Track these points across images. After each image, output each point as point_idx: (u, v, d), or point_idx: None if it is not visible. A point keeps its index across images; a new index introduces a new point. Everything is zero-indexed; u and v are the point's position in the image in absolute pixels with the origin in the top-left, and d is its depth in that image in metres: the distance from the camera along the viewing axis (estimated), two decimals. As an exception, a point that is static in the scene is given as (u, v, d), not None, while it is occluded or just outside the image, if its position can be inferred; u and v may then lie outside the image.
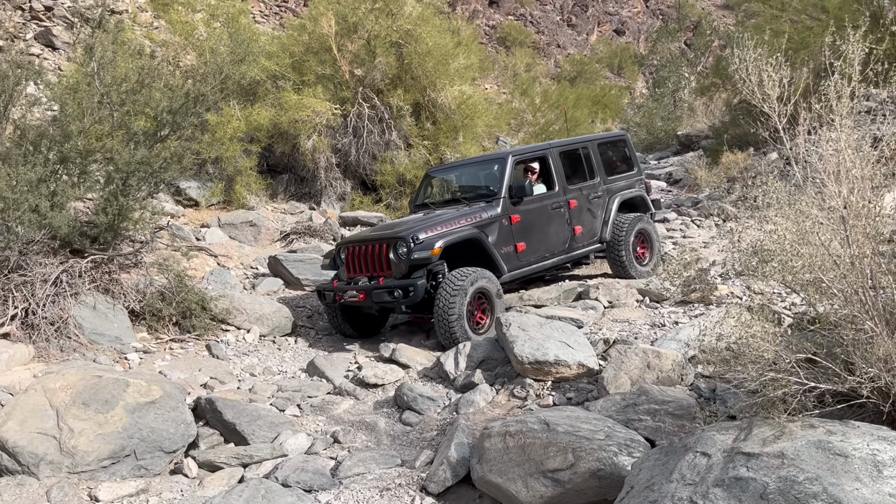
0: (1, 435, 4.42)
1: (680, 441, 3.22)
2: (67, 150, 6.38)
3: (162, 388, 5.00)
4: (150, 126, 7.24)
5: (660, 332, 5.83)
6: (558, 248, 7.65)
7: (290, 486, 4.28)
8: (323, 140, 11.35)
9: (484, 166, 7.95)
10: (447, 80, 12.14)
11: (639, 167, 8.90)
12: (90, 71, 7.06)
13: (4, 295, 5.85)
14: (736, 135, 13.66)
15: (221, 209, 10.59)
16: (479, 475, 3.90)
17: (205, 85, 8.20)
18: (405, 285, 6.42)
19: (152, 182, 7.07)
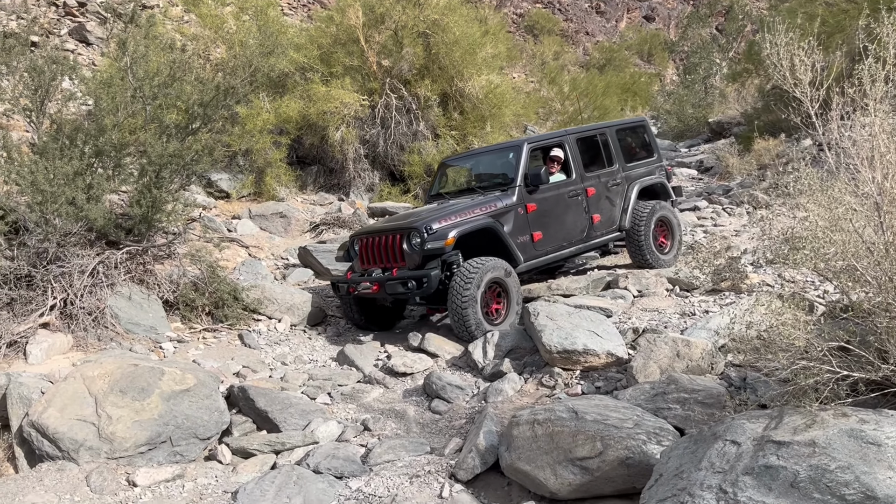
0: (42, 421, 4.56)
1: (709, 429, 3.21)
2: (102, 144, 6.51)
3: (196, 377, 5.10)
4: (181, 119, 7.35)
5: (689, 321, 5.79)
6: (576, 237, 7.50)
7: (322, 472, 4.35)
8: (351, 131, 11.41)
9: (499, 154, 7.80)
10: (474, 69, 12.10)
11: (659, 153, 8.68)
12: (123, 65, 7.18)
13: (44, 286, 6.00)
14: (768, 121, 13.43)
15: (252, 201, 10.72)
16: (507, 463, 3.92)
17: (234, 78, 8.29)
18: (419, 276, 6.33)
19: (184, 174, 7.18)
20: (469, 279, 6.17)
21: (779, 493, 2.63)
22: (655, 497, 2.95)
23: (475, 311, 6.19)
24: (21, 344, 5.57)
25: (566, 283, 7.15)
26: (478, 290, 6.19)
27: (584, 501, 3.64)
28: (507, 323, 6.42)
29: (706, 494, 2.74)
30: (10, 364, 5.41)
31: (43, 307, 5.87)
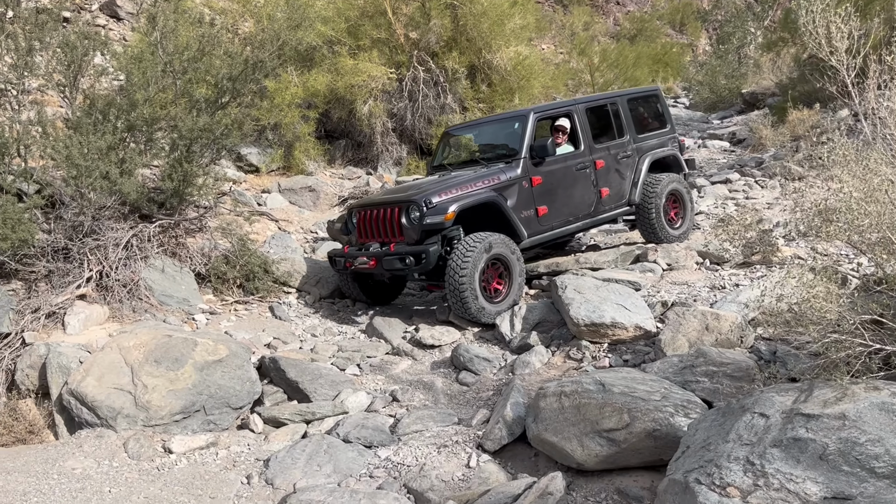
0: (81, 390, 4.69)
1: (738, 402, 3.20)
2: (134, 119, 6.58)
3: (228, 348, 5.20)
4: (211, 93, 7.39)
5: (719, 294, 5.74)
6: (583, 212, 7.22)
7: (351, 441, 4.43)
8: (379, 105, 11.39)
9: (504, 124, 7.42)
10: (503, 40, 11.96)
11: (672, 124, 8.34)
12: (153, 40, 7.24)
13: (80, 258, 6.13)
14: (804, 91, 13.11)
15: (281, 175, 10.79)
16: (534, 434, 3.95)
17: (263, 51, 8.30)
18: (417, 252, 6.09)
19: (214, 148, 7.24)
20: (468, 256, 5.95)
21: (807, 466, 2.62)
22: (682, 468, 2.96)
23: (474, 290, 5.97)
24: (59, 315, 5.71)
25: (594, 256, 7.11)
26: (477, 267, 5.98)
27: (611, 472, 3.67)
28: (508, 301, 6.25)
29: (733, 466, 2.74)
30: (50, 334, 5.56)
31: (79, 279, 6.00)
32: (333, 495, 3.68)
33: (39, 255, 6.01)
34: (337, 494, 3.69)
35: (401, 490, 3.85)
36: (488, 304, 6.11)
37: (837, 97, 3.63)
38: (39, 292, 5.90)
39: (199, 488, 4.05)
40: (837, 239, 3.53)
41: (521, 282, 6.39)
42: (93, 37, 6.87)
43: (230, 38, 9.39)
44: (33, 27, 6.59)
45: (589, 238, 8.93)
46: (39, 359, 5.16)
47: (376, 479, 4.02)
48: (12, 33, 6.52)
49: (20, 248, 5.79)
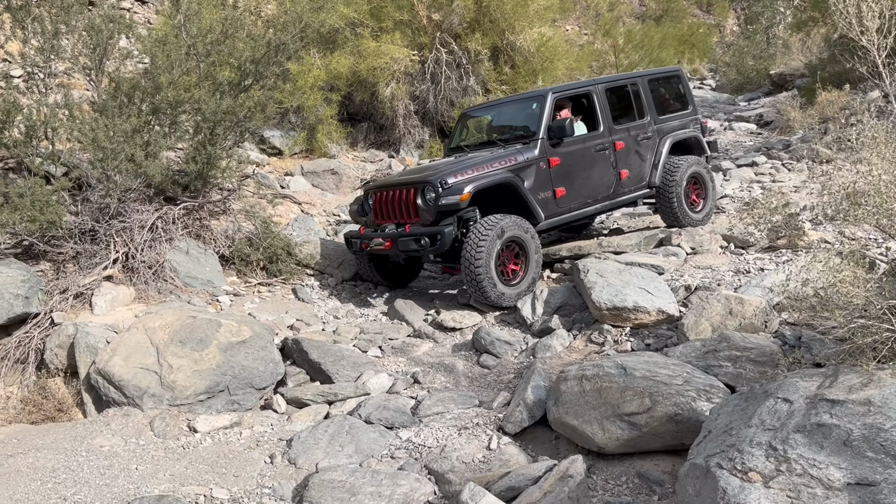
0: (108, 369, 4.77)
1: (761, 387, 3.17)
2: (158, 102, 6.64)
3: (251, 329, 5.26)
4: (234, 76, 7.43)
5: (744, 278, 5.67)
6: (602, 194, 7.13)
7: (373, 422, 4.46)
8: (401, 87, 11.35)
9: (522, 105, 7.34)
10: (526, 22, 11.83)
11: (694, 105, 8.20)
12: (177, 23, 7.28)
13: (107, 240, 6.21)
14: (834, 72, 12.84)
15: (304, 158, 10.82)
16: (555, 417, 3.96)
17: (285, 34, 8.31)
18: (432, 233, 6.05)
19: (238, 131, 7.29)
20: (483, 238, 5.90)
21: (830, 452, 2.60)
22: (703, 453, 2.95)
23: (490, 276, 5.93)
24: (87, 295, 5.81)
25: (617, 240, 7.06)
26: (492, 252, 5.92)
27: (632, 456, 3.66)
28: (526, 282, 6.21)
29: (755, 451, 2.73)
30: (78, 314, 5.66)
31: (106, 260, 6.09)
32: (355, 475, 3.72)
33: (67, 237, 6.11)
34: (359, 474, 3.73)
35: (422, 471, 3.88)
36: (507, 288, 6.08)
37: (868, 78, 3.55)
38: (67, 273, 6.00)
39: (224, 467, 4.12)
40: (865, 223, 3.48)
41: (538, 260, 6.33)
42: (118, 20, 6.93)
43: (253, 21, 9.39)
44: (59, 11, 6.65)
45: (612, 221, 8.87)
46: (68, 338, 5.26)
47: (397, 460, 4.05)
48: (39, 17, 6.59)
49: (48, 229, 5.89)
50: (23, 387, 5.21)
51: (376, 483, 3.65)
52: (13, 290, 5.47)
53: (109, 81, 6.90)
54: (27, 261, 5.95)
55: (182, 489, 3.84)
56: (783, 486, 2.57)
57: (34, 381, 5.23)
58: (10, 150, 6.25)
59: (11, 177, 6.58)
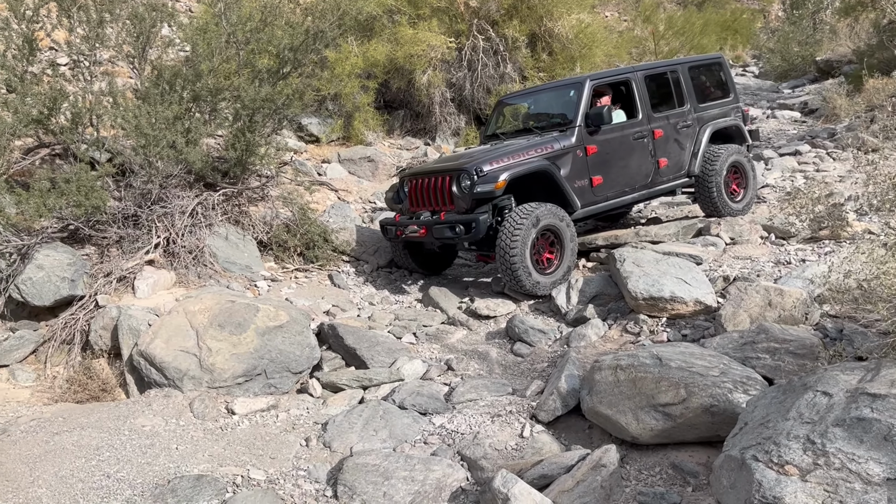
0: (149, 351, 4.89)
1: (800, 380, 3.12)
2: (199, 89, 6.73)
3: (288, 314, 5.33)
4: (272, 64, 7.50)
5: (784, 269, 5.57)
6: (639, 183, 7.06)
7: (407, 408, 4.50)
8: (437, 74, 11.34)
9: (559, 92, 7.26)
10: (564, 8, 11.70)
11: (736, 93, 8.06)
12: (217, 11, 7.36)
13: (149, 225, 6.35)
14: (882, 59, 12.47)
15: (341, 145, 10.89)
16: (588, 406, 3.95)
17: (323, 21, 8.35)
18: (467, 221, 6.03)
19: (276, 118, 7.36)
20: (519, 226, 5.86)
21: (870, 446, 2.55)
22: (739, 445, 2.92)
23: (524, 261, 5.89)
24: (129, 279, 5.95)
25: (655, 229, 6.98)
26: (527, 241, 5.89)
27: (666, 447, 3.64)
28: (559, 273, 6.18)
29: (793, 444, 2.69)
30: (121, 298, 5.80)
31: (148, 245, 6.22)
32: (389, 460, 3.77)
33: (111, 222, 6.25)
34: (392, 459, 3.77)
35: (454, 457, 3.91)
36: (542, 277, 6.06)
37: (918, 64, 3.44)
38: (111, 257, 6.15)
39: (260, 448, 4.20)
40: (912, 214, 3.39)
41: (573, 248, 6.29)
42: (160, 8, 7.03)
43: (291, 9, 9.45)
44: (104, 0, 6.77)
45: (650, 211, 8.77)
46: (111, 321, 5.40)
47: (430, 446, 4.09)
48: (84, 6, 6.72)
49: (93, 214, 6.03)
50: (69, 367, 5.37)
51: (409, 468, 3.69)
52: (60, 274, 5.63)
53: (152, 69, 7.02)
54: (73, 245, 6.10)
55: (220, 469, 3.93)
56: (820, 480, 2.54)
57: (79, 361, 5.38)
58: (57, 137, 6.40)
59: (58, 163, 6.75)
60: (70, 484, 3.71)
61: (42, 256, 5.65)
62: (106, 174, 6.20)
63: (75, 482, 3.73)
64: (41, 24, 6.46)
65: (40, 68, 6.70)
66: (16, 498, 3.58)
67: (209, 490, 3.65)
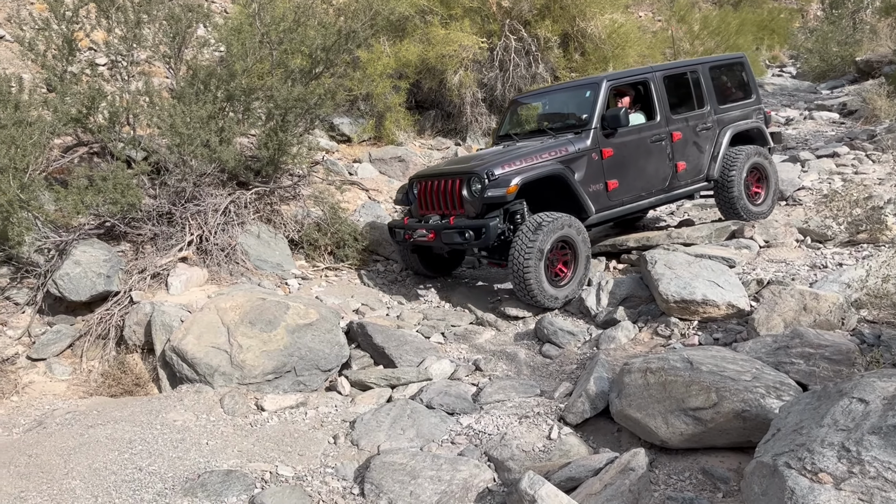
0: (181, 347, 4.96)
1: (835, 386, 3.06)
2: (233, 89, 6.82)
3: (318, 312, 5.37)
4: (305, 64, 7.56)
5: (820, 273, 5.47)
6: (656, 187, 6.84)
7: (434, 408, 4.51)
8: (469, 75, 11.33)
9: (575, 93, 7.03)
10: (598, 8, 11.62)
11: (758, 94, 7.80)
12: (252, 12, 7.44)
13: (182, 222, 6.44)
14: (926, 59, 12.18)
15: (372, 145, 10.93)
16: (617, 409, 3.91)
17: (356, 22, 8.40)
18: (477, 226, 5.86)
19: (308, 118, 7.42)
20: (534, 238, 5.68)
21: (908, 455, 2.49)
22: (771, 451, 2.87)
23: (539, 274, 5.71)
24: (163, 276, 6.04)
25: (687, 231, 6.90)
26: (543, 250, 5.70)
27: (696, 452, 3.59)
28: (573, 285, 6.04)
29: (827, 452, 2.63)
30: (154, 294, 5.89)
31: (182, 242, 6.31)
32: (416, 459, 3.77)
33: (146, 219, 6.35)
34: (419, 458, 3.78)
35: (481, 458, 3.90)
36: (555, 290, 5.90)
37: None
38: (145, 254, 6.25)
39: (289, 445, 4.23)
40: (955, 217, 3.29)
41: (586, 259, 6.13)
42: (196, 9, 7.14)
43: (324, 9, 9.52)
44: (142, 1, 6.89)
45: (682, 212, 8.66)
46: (145, 316, 5.48)
47: (458, 446, 4.08)
48: (123, 7, 6.85)
49: (129, 211, 6.14)
50: (103, 361, 5.47)
51: (436, 467, 3.69)
52: (96, 269, 5.74)
53: (187, 69, 7.13)
54: (109, 241, 6.22)
55: (249, 465, 3.97)
56: (855, 488, 2.48)
57: (114, 356, 5.48)
58: (95, 135, 6.53)
59: (96, 161, 6.88)
60: (103, 476, 3.78)
61: (79, 252, 5.77)
62: (141, 172, 6.31)
63: (108, 475, 3.79)
64: (81, 24, 6.60)
65: (79, 68, 6.85)
66: (50, 489, 3.65)
67: (238, 485, 3.69)
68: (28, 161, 5.58)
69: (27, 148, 5.55)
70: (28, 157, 5.57)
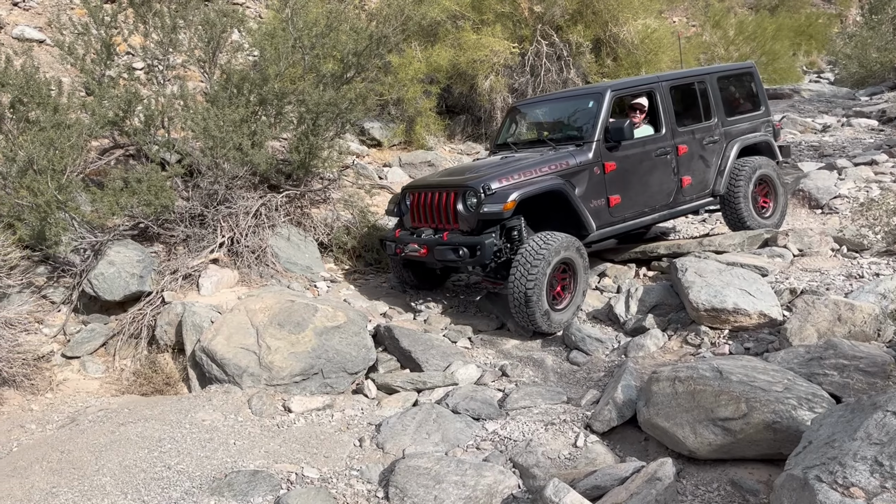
0: (211, 348, 5.02)
1: (869, 399, 2.99)
2: (266, 93, 6.90)
3: (346, 315, 5.40)
4: (337, 68, 7.62)
5: (856, 283, 5.35)
6: (660, 203, 6.52)
7: (460, 412, 4.50)
8: (500, 80, 11.33)
9: (578, 102, 6.66)
10: (630, 13, 11.56)
11: (766, 106, 7.46)
12: (285, 17, 7.53)
13: (214, 224, 6.53)
14: (969, 65, 11.90)
15: (402, 149, 10.98)
16: (645, 418, 3.87)
17: (387, 26, 8.45)
18: (472, 243, 5.55)
19: (339, 122, 7.48)
20: (537, 260, 5.36)
21: (944, 472, 2.42)
22: (802, 464, 2.81)
23: (541, 298, 5.40)
24: (194, 277, 6.13)
25: (719, 239, 6.79)
26: (546, 272, 5.40)
27: (724, 462, 3.54)
28: (571, 309, 5.76)
29: (859, 466, 2.57)
30: (186, 294, 5.97)
31: (213, 244, 6.40)
32: (441, 463, 3.77)
33: (178, 221, 6.45)
34: (444, 463, 3.77)
35: (506, 464, 3.88)
36: (556, 314, 5.60)
37: None
38: (178, 255, 6.35)
39: (315, 447, 4.26)
40: None
41: (586, 281, 5.88)
42: (231, 14, 7.24)
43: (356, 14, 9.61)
44: (178, 6, 7.02)
45: (715, 220, 8.54)
46: (176, 317, 5.57)
47: (483, 451, 4.07)
48: (159, 12, 6.98)
49: (162, 213, 6.24)
50: (135, 360, 5.56)
51: (461, 472, 3.68)
52: (130, 270, 5.84)
53: (221, 73, 7.23)
54: (142, 242, 6.33)
55: (275, 466, 4.00)
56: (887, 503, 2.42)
57: (145, 355, 5.57)
58: (131, 138, 6.66)
59: (131, 163, 7.01)
60: (133, 473, 3.84)
61: (113, 253, 5.88)
62: (175, 175, 6.41)
63: (138, 472, 3.85)
64: (119, 29, 6.74)
65: (117, 72, 6.99)
66: (81, 486, 3.72)
67: (264, 486, 3.73)
68: (66, 163, 5.71)
69: (65, 150, 5.67)
70: (66, 159, 5.70)
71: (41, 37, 8.54)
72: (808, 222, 7.51)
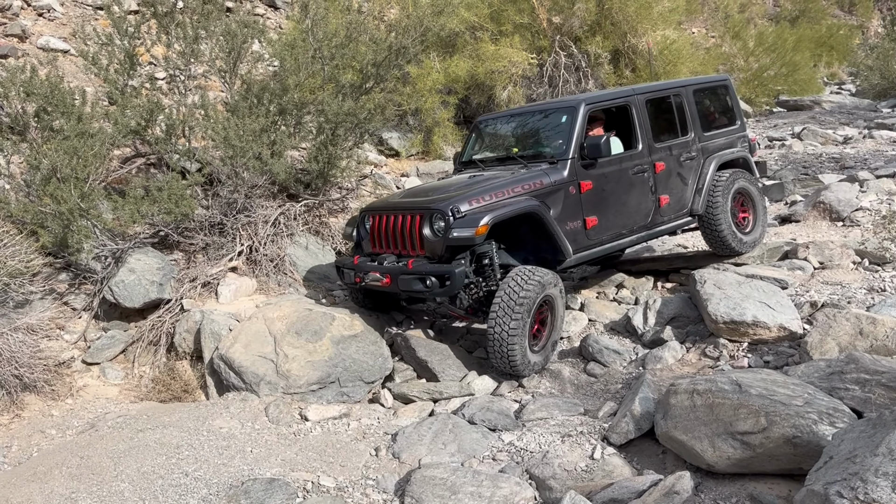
0: (229, 355, 5.06)
1: (891, 414, 2.95)
2: (285, 103, 6.96)
3: (363, 324, 5.42)
4: (356, 79, 7.67)
5: (878, 297, 5.29)
6: (638, 224, 6.08)
7: (476, 423, 4.49)
8: (518, 90, 11.34)
9: (550, 117, 6.18)
10: (649, 24, 11.55)
11: (742, 120, 7.08)
12: (305, 27, 7.60)
13: (233, 233, 6.58)
14: None
15: (420, 159, 11.01)
16: (662, 430, 3.84)
17: (406, 37, 8.49)
18: (441, 273, 5.02)
19: (358, 132, 7.52)
20: (522, 299, 4.87)
21: (969, 490, 2.38)
22: (823, 480, 2.78)
23: (523, 340, 4.93)
24: (213, 285, 6.17)
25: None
26: (530, 310, 4.95)
27: (743, 477, 3.50)
28: (547, 350, 5.32)
29: (881, 482, 2.54)
30: (204, 302, 6.02)
31: (232, 252, 6.45)
32: (456, 474, 3.76)
33: (198, 229, 6.51)
34: (460, 473, 3.77)
35: (523, 475, 3.87)
36: (532, 354, 5.12)
37: None
38: (197, 263, 6.40)
39: (331, 456, 4.26)
40: None
41: (562, 318, 5.46)
42: (252, 25, 7.31)
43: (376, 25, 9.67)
44: (200, 17, 7.10)
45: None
46: (195, 324, 5.61)
47: (499, 462, 4.06)
48: (182, 23, 7.07)
49: (182, 221, 6.31)
50: (154, 367, 5.61)
51: (477, 483, 3.67)
52: (149, 277, 5.90)
53: (241, 83, 7.30)
54: (162, 250, 6.39)
55: (292, 474, 4.01)
56: (912, 522, 2.38)
57: (164, 362, 5.62)
58: (152, 147, 6.74)
59: (152, 171, 7.09)
60: (151, 480, 3.86)
61: (134, 260, 5.94)
62: (195, 183, 6.48)
63: (156, 478, 3.88)
64: (142, 40, 6.83)
65: (140, 82, 7.08)
66: (100, 491, 3.75)
67: (280, 494, 3.73)
68: (89, 171, 5.78)
69: (88, 158, 5.75)
70: (89, 168, 5.77)
71: (66, 47, 8.67)
72: (829, 235, 7.43)
